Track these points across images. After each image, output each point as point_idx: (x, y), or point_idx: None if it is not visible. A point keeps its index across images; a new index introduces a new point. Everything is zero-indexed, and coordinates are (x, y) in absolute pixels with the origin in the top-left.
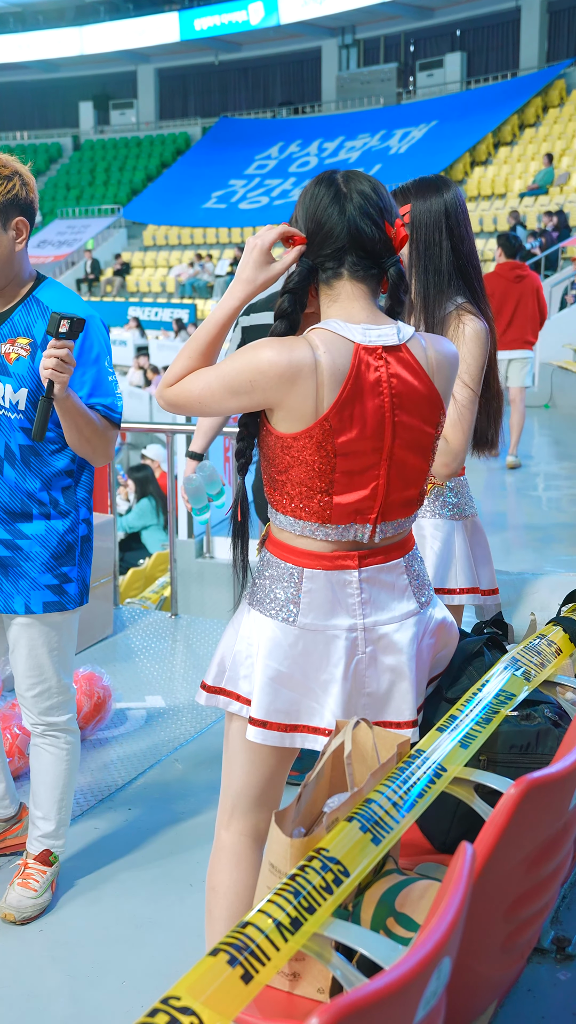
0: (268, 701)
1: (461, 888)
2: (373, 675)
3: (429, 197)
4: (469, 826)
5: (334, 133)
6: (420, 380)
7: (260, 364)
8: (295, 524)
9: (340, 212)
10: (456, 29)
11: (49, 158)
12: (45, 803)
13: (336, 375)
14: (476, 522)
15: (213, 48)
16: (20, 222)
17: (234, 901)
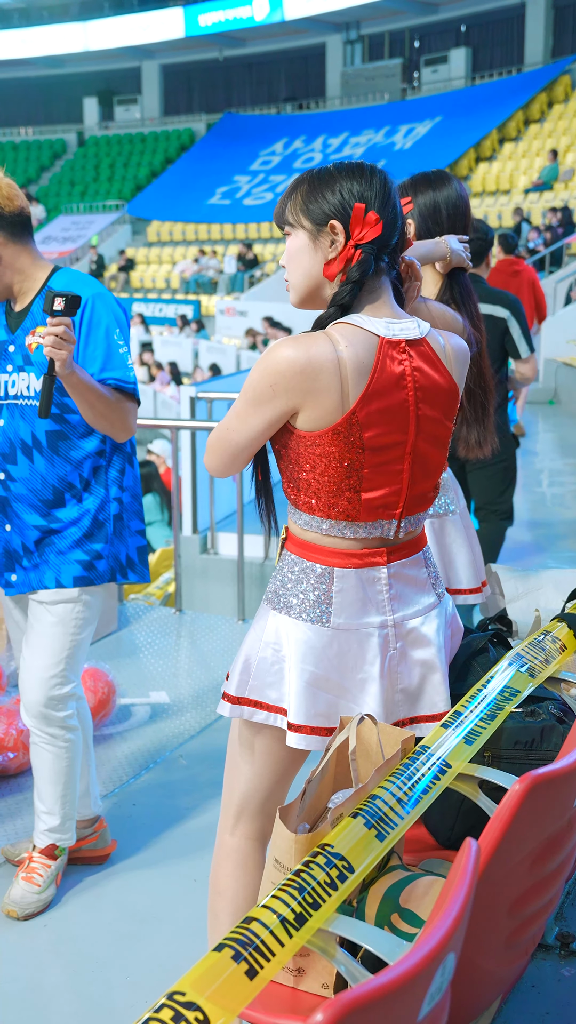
0: (308, 705)
1: (466, 884)
2: (405, 670)
3: (431, 190)
4: (473, 822)
5: (338, 129)
6: (441, 373)
7: (279, 365)
8: (323, 523)
9: (397, 206)
10: (461, 24)
11: (53, 154)
12: (48, 798)
13: (361, 369)
14: (452, 520)
15: (217, 44)
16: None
17: (241, 904)
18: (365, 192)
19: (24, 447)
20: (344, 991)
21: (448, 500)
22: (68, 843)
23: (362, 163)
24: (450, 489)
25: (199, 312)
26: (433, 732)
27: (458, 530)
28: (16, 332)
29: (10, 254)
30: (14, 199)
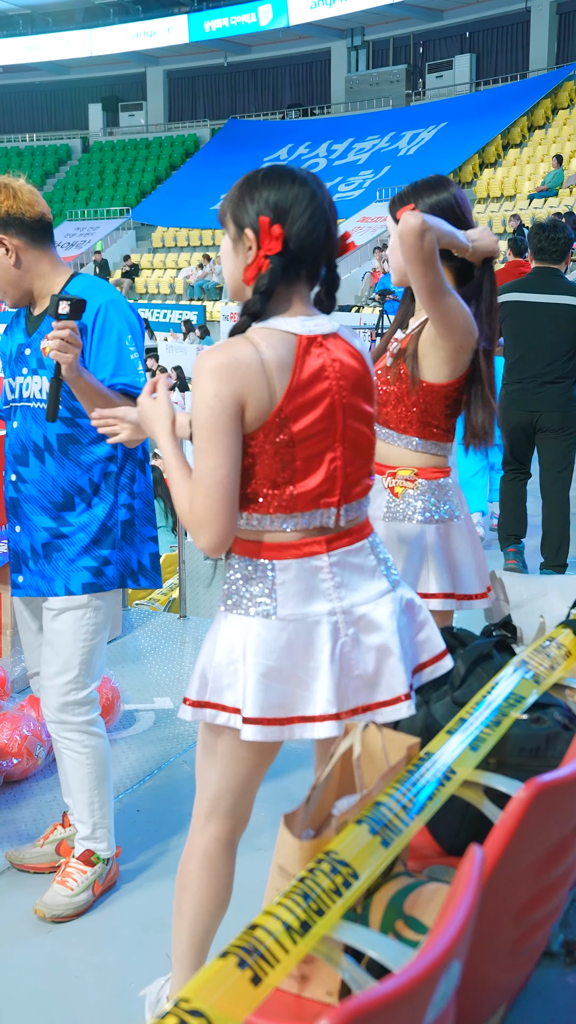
0: (262, 698)
1: (471, 891)
2: (359, 656)
3: (435, 194)
4: (478, 829)
5: (343, 135)
6: (358, 361)
7: (213, 373)
8: (262, 520)
9: (323, 220)
10: (465, 31)
11: (58, 160)
12: (78, 806)
13: (283, 366)
14: (458, 525)
15: (222, 50)
16: (3, 239)
17: (202, 901)
18: (281, 202)
19: (36, 449)
20: (349, 998)
21: (454, 506)
22: (105, 852)
23: (290, 171)
24: (455, 495)
25: (203, 317)
26: (438, 738)
27: (463, 535)
28: (33, 336)
29: (30, 259)
30: (35, 204)
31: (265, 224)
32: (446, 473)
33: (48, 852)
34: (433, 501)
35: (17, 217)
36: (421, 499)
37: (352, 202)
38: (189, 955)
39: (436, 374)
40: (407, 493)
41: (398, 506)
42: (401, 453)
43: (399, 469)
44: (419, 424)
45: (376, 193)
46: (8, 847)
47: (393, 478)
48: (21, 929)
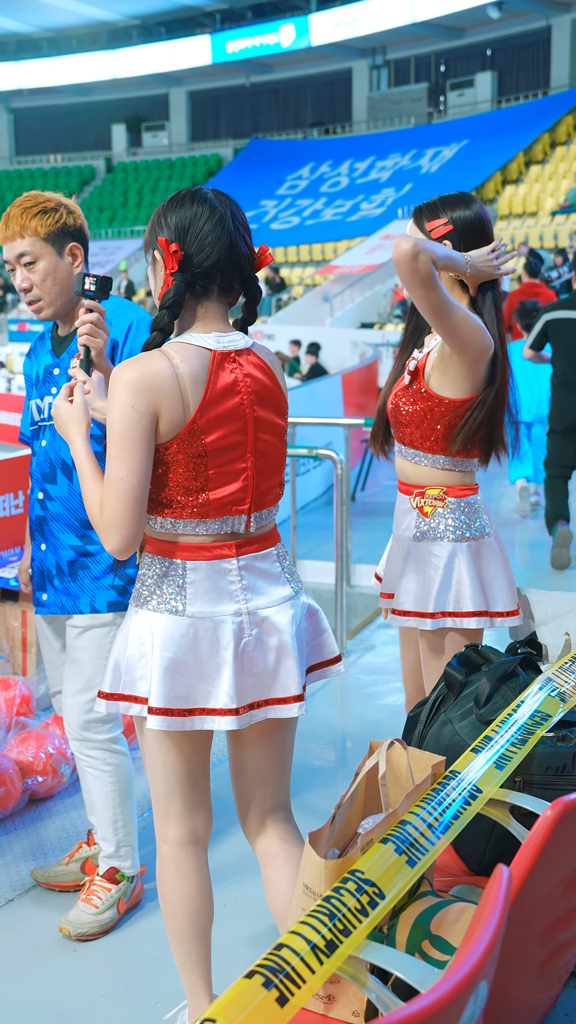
0: (166, 689)
1: (498, 911)
2: (260, 655)
3: (464, 208)
4: (504, 848)
5: (365, 153)
6: (268, 377)
7: (129, 385)
8: (176, 524)
9: (224, 232)
10: (487, 49)
11: (82, 180)
12: (101, 825)
13: (196, 380)
14: (488, 542)
15: (244, 70)
16: (74, 247)
17: (180, 909)
18: (180, 223)
19: (64, 467)
20: (375, 1019)
21: (484, 523)
22: (130, 870)
23: (192, 192)
24: (484, 511)
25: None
26: (463, 757)
27: (494, 553)
28: (62, 356)
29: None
30: (86, 224)
31: (164, 244)
32: (475, 490)
33: (73, 870)
34: (464, 519)
35: (85, 234)
36: (452, 517)
37: (374, 220)
38: (188, 965)
39: (457, 390)
40: (437, 512)
41: (428, 525)
42: (428, 472)
43: (427, 488)
44: (444, 442)
45: (398, 211)
46: (33, 864)
47: (422, 497)
48: (46, 947)
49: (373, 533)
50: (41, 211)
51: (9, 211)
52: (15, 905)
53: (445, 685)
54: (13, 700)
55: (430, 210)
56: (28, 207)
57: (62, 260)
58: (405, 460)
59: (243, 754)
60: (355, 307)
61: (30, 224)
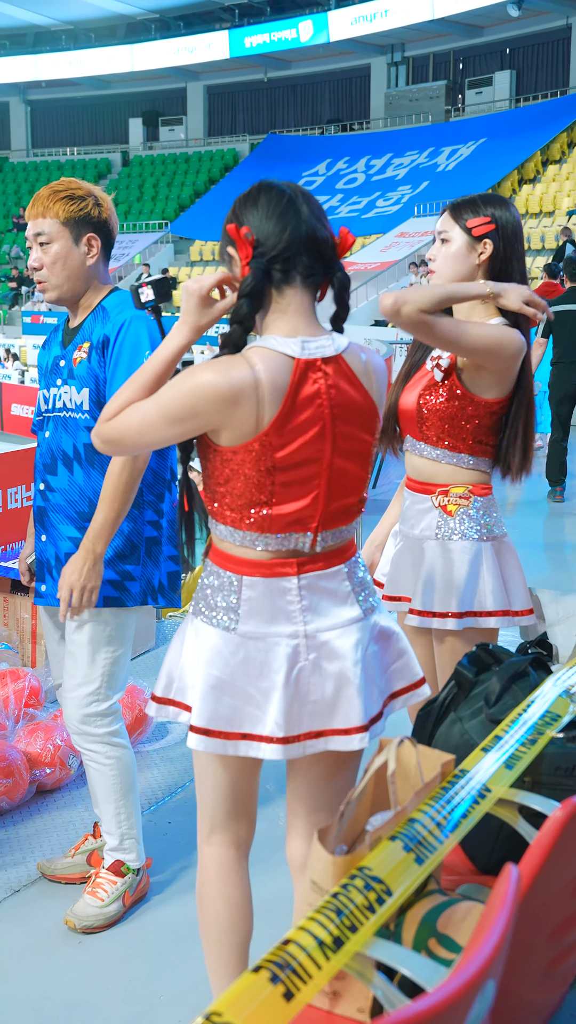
0: (209, 708)
1: (506, 910)
2: (318, 682)
3: (506, 209)
4: (512, 848)
5: (382, 150)
6: (356, 389)
7: (201, 388)
8: (235, 534)
9: (296, 213)
10: (505, 47)
11: (98, 174)
12: (104, 816)
13: (276, 391)
14: (506, 543)
15: (262, 65)
16: (91, 238)
17: (223, 915)
18: (247, 209)
19: (65, 458)
20: (381, 1016)
21: (501, 522)
22: (135, 863)
23: (256, 184)
24: (499, 511)
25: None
26: (472, 756)
27: (511, 552)
28: (68, 347)
29: (95, 268)
30: (116, 223)
31: (234, 230)
32: (491, 489)
33: (79, 862)
34: (487, 518)
35: (108, 228)
36: (475, 516)
37: (390, 217)
38: (221, 972)
39: (491, 391)
40: (460, 511)
41: (451, 524)
42: (451, 471)
43: (451, 487)
44: (472, 441)
45: (414, 208)
46: (40, 856)
47: (445, 496)
48: (52, 939)
49: None
50: (68, 196)
51: (41, 191)
52: (21, 897)
53: (455, 684)
54: (22, 692)
55: (471, 207)
56: (58, 190)
57: (77, 248)
58: (424, 459)
59: (297, 781)
60: (369, 304)
61: (53, 206)
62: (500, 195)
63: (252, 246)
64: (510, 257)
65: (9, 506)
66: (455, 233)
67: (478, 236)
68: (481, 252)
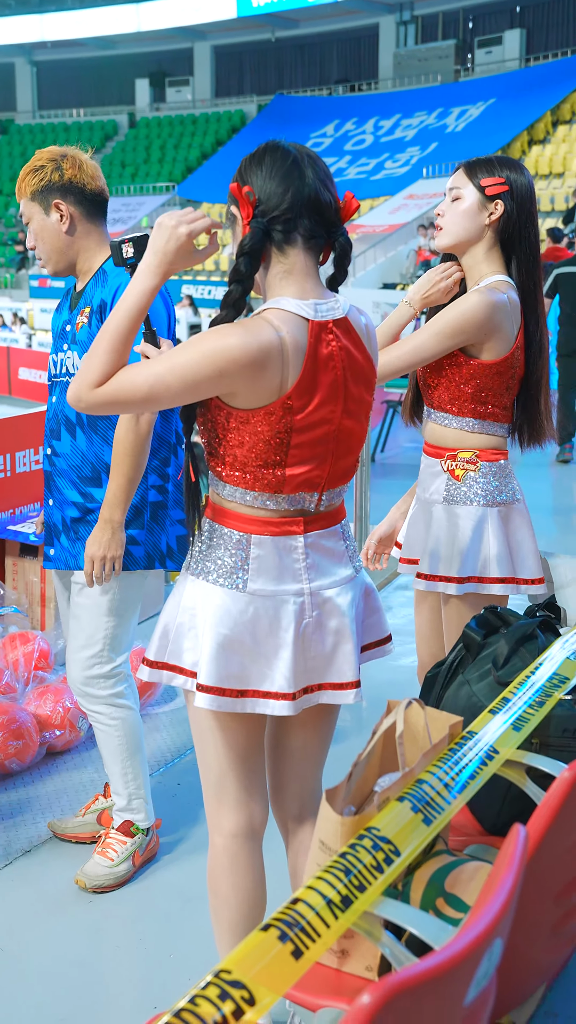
0: (219, 667)
1: (513, 869)
2: (319, 638)
3: (521, 173)
4: (520, 809)
5: (390, 111)
6: (360, 350)
7: (229, 352)
8: (245, 495)
9: (300, 175)
10: (515, 6)
11: (105, 135)
12: (112, 777)
13: (297, 354)
14: (517, 509)
15: (270, 24)
16: (57, 203)
17: (237, 905)
18: (251, 169)
19: (68, 423)
20: (390, 974)
21: (514, 488)
22: (144, 823)
23: (263, 144)
24: (513, 478)
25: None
26: (480, 718)
27: (523, 518)
28: (73, 312)
29: (81, 231)
30: (96, 179)
31: (236, 189)
32: (505, 455)
33: (89, 821)
34: (495, 483)
35: (79, 186)
36: (483, 482)
37: (399, 179)
38: (233, 945)
39: (481, 352)
40: (468, 476)
41: (459, 489)
42: (458, 435)
43: (459, 451)
44: (473, 403)
45: (423, 170)
46: (50, 817)
47: (453, 460)
48: (62, 899)
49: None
50: (32, 170)
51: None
52: (32, 857)
53: (463, 646)
54: (32, 655)
55: (487, 167)
56: (27, 167)
57: (49, 218)
58: (435, 423)
59: (288, 737)
60: (378, 267)
61: (23, 185)
62: (507, 159)
63: (253, 206)
64: (521, 222)
65: (17, 470)
66: (467, 191)
67: (491, 196)
68: (491, 212)
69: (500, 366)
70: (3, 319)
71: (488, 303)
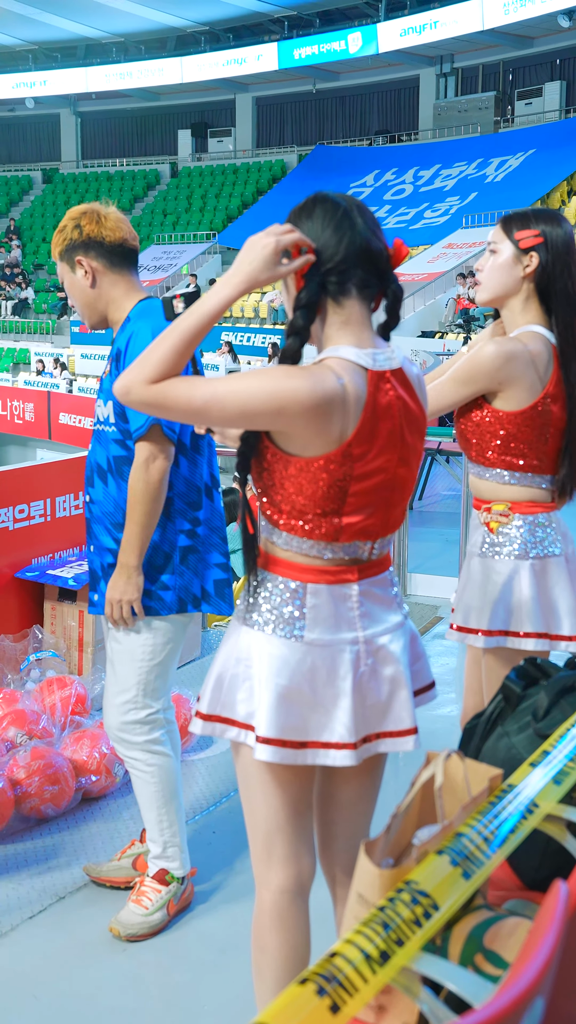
0: (279, 718)
1: (555, 926)
2: (375, 686)
3: (558, 224)
4: (560, 864)
5: (430, 161)
6: (414, 399)
7: (295, 394)
8: (302, 543)
9: (352, 225)
10: (556, 58)
11: (147, 184)
12: (148, 824)
13: (358, 403)
14: (556, 562)
15: (311, 76)
16: (79, 260)
17: (283, 962)
18: (300, 224)
19: (99, 470)
20: None
21: (553, 542)
22: (179, 871)
23: (310, 196)
24: (557, 530)
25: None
26: (520, 770)
27: (561, 572)
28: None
29: (106, 283)
30: (117, 230)
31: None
32: (546, 507)
33: (125, 866)
34: (529, 537)
35: (97, 241)
36: (517, 534)
37: (437, 228)
38: (273, 997)
39: (503, 402)
40: (502, 528)
41: (494, 541)
42: (492, 487)
43: (493, 504)
44: (503, 454)
45: (462, 220)
46: (84, 863)
47: (488, 513)
48: (97, 946)
49: (430, 543)
50: (58, 232)
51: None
52: (67, 903)
53: (503, 698)
54: (69, 699)
55: (521, 220)
56: (56, 230)
57: (75, 275)
58: (473, 476)
59: (339, 789)
60: (416, 315)
61: (53, 247)
62: (555, 210)
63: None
64: (556, 272)
65: (57, 515)
66: (504, 245)
67: (525, 248)
68: (527, 265)
69: (526, 416)
70: (44, 364)
71: (500, 353)
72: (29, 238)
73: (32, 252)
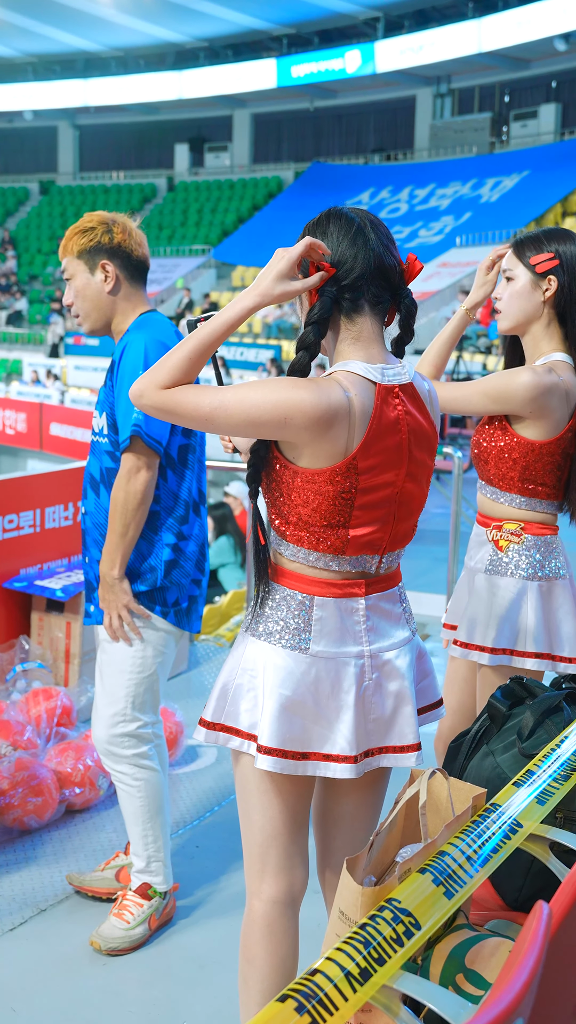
0: (281, 729)
1: (536, 948)
2: (379, 701)
3: (571, 243)
4: (542, 884)
5: (425, 180)
6: (424, 415)
7: (301, 405)
8: (309, 555)
9: (365, 241)
10: (552, 80)
11: (143, 198)
12: (133, 838)
13: (364, 416)
14: (561, 584)
15: (309, 94)
16: (104, 264)
17: (269, 973)
18: (322, 235)
19: (92, 482)
20: None
21: (559, 564)
22: (162, 886)
23: (325, 211)
24: (561, 554)
25: (280, 356)
26: (505, 791)
27: (566, 595)
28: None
29: (121, 294)
30: (143, 246)
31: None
32: (554, 530)
33: (108, 877)
34: (538, 558)
35: (126, 251)
36: (526, 555)
37: (432, 247)
38: (257, 1011)
39: (530, 431)
40: (512, 548)
41: (501, 560)
42: (506, 510)
43: (505, 522)
44: (521, 482)
45: (456, 239)
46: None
47: (498, 531)
48: (76, 960)
49: (421, 560)
50: (81, 231)
51: (67, 231)
52: (48, 916)
53: (488, 717)
54: (54, 711)
55: (534, 243)
56: (76, 227)
57: (93, 277)
58: (484, 496)
59: (339, 802)
60: None
61: (70, 244)
62: (565, 229)
63: (331, 275)
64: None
65: (47, 526)
66: (519, 271)
67: (542, 272)
68: (546, 289)
69: (550, 447)
70: (37, 375)
71: (538, 385)
72: (24, 249)
73: (27, 263)
